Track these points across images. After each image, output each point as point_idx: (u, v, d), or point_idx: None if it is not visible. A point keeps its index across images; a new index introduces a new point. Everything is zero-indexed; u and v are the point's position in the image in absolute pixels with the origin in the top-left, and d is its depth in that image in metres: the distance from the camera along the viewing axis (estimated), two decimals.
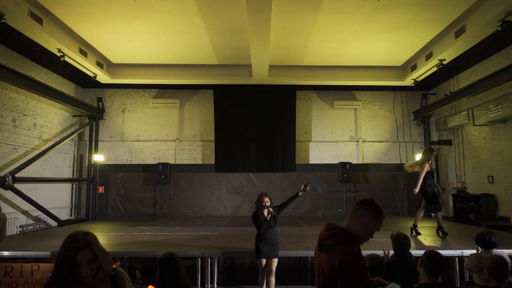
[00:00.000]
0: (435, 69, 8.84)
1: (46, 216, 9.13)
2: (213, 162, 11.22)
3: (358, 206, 1.85)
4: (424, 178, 6.33)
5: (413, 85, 10.30)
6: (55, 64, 9.06)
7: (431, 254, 2.73)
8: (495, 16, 6.28)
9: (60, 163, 10.50)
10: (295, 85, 11.07)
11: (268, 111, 11.26)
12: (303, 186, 5.10)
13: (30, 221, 8.78)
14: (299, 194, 5.14)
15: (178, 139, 11.66)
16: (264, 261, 4.85)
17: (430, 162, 6.50)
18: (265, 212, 4.85)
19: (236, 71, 10.13)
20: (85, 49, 8.62)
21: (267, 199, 4.90)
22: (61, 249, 1.64)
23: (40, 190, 9.31)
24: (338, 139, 11.81)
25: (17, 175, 7.95)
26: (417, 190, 6.27)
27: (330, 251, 1.73)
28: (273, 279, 4.82)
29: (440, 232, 6.49)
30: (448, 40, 7.84)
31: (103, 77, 9.88)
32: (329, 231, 1.80)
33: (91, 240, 1.65)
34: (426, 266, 2.67)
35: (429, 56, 8.71)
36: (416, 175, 6.49)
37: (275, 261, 4.84)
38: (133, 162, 11.49)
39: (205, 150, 11.63)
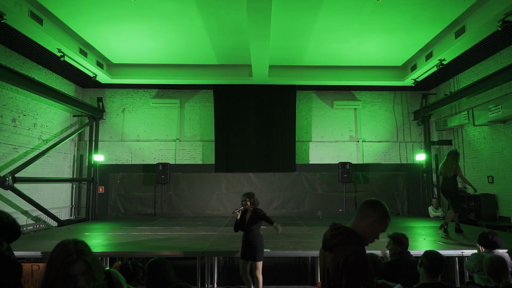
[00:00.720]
0: (435, 69, 8.84)
1: (46, 216, 9.13)
2: (213, 162, 11.22)
3: (365, 206, 1.85)
4: (453, 178, 6.62)
5: (413, 85, 10.30)
6: (55, 64, 9.06)
7: (431, 254, 2.72)
8: (495, 16, 6.28)
9: (60, 163, 10.50)
10: (295, 85, 11.07)
11: (268, 111, 11.26)
12: (277, 229, 4.68)
13: (30, 221, 8.78)
14: (273, 225, 4.70)
15: (178, 139, 11.66)
16: (244, 261, 4.70)
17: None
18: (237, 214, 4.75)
19: (236, 71, 10.13)
20: (85, 49, 8.62)
21: (245, 199, 4.72)
22: (52, 260, 1.55)
23: (40, 190, 9.31)
24: (338, 139, 11.82)
25: (17, 175, 7.95)
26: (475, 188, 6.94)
27: (334, 250, 1.73)
28: (258, 280, 4.60)
29: (442, 229, 6.54)
30: (448, 40, 7.84)
31: (103, 77, 9.88)
32: (334, 231, 1.80)
33: (83, 250, 1.59)
34: (426, 266, 2.67)
35: (429, 56, 8.71)
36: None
37: (256, 264, 4.60)
38: (133, 162, 11.49)
39: (205, 150, 11.63)
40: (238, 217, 4.75)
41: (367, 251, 2.98)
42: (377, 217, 1.80)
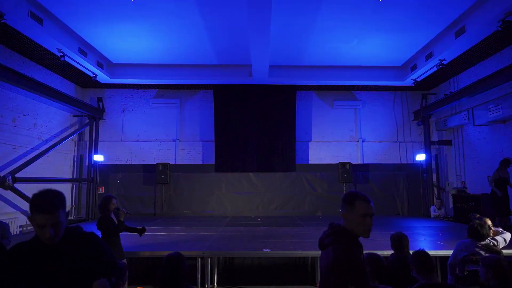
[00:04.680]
0: (435, 69, 8.84)
1: None
2: (213, 162, 11.22)
3: (341, 204, 1.88)
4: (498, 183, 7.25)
5: (413, 85, 10.30)
6: (55, 64, 9.06)
7: (414, 253, 2.78)
8: (495, 16, 6.29)
9: (60, 163, 10.50)
10: (295, 85, 11.07)
11: (268, 111, 11.26)
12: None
13: None
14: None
15: (178, 139, 11.65)
16: None
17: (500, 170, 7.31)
18: (120, 214, 4.48)
19: (236, 71, 10.13)
20: (85, 49, 8.62)
21: (113, 201, 4.48)
22: None
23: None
24: (338, 139, 11.81)
25: (17, 175, 7.94)
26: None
27: (327, 249, 1.76)
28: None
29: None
30: (448, 40, 7.84)
31: (103, 77, 9.88)
32: (329, 230, 1.84)
33: None
34: (415, 266, 2.70)
35: (429, 56, 8.71)
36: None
37: None
38: (133, 162, 11.49)
39: (205, 150, 11.62)
40: (122, 218, 4.51)
41: (370, 251, 2.99)
42: (349, 206, 1.81)
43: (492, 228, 4.12)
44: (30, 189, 8.67)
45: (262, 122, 11.22)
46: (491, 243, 3.77)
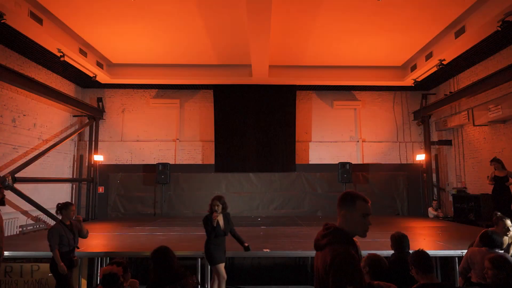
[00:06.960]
0: (435, 69, 8.84)
1: (46, 216, 9.12)
2: (213, 162, 11.21)
3: (338, 203, 1.87)
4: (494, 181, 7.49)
5: (413, 85, 10.30)
6: (55, 64, 9.06)
7: (414, 254, 2.79)
8: (495, 16, 6.29)
9: (60, 163, 10.50)
10: (295, 85, 11.07)
11: (268, 111, 11.25)
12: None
13: (30, 221, 8.77)
14: (246, 245, 4.75)
15: (178, 139, 11.65)
16: (220, 266, 4.56)
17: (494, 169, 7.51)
18: (214, 217, 4.53)
19: (236, 71, 10.13)
20: (85, 49, 8.62)
21: (217, 203, 4.55)
22: None
23: (40, 190, 9.30)
24: (338, 139, 11.81)
25: (17, 175, 7.94)
26: None
27: (324, 250, 1.75)
28: (224, 282, 4.59)
29: None
30: (448, 40, 7.84)
31: (103, 77, 9.88)
32: (325, 231, 1.83)
33: None
34: (415, 266, 2.70)
35: (429, 56, 8.71)
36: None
37: (223, 266, 4.64)
38: (133, 162, 11.49)
39: (205, 150, 11.62)
40: (215, 224, 4.58)
41: (372, 252, 2.99)
42: (350, 206, 1.80)
43: None
44: (30, 189, 8.68)
45: (262, 122, 11.21)
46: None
